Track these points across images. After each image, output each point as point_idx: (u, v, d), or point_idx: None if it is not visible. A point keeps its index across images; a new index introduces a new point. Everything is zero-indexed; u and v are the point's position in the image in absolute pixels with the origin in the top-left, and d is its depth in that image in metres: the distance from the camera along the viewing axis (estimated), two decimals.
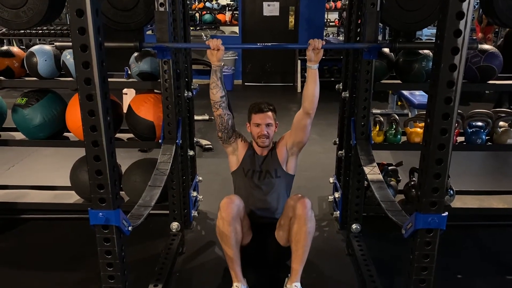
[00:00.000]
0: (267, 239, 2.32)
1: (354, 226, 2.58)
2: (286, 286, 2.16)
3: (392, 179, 2.84)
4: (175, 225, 2.60)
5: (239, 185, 2.43)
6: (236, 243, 2.12)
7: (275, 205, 2.39)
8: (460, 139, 2.72)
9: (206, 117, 4.31)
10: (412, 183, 2.80)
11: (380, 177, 2.19)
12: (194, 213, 2.86)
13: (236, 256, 2.13)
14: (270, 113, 2.33)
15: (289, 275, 2.16)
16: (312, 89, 2.17)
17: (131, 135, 2.73)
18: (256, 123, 2.33)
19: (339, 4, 9.09)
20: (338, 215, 2.85)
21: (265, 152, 2.41)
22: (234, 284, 2.13)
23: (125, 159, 2.94)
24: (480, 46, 2.45)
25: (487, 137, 2.65)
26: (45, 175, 3.63)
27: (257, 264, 2.38)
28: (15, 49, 2.67)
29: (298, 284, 2.11)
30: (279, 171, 2.40)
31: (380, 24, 2.34)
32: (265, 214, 2.39)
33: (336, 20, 9.44)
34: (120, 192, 2.69)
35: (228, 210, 2.10)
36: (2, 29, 6.88)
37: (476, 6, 6.17)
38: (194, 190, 2.90)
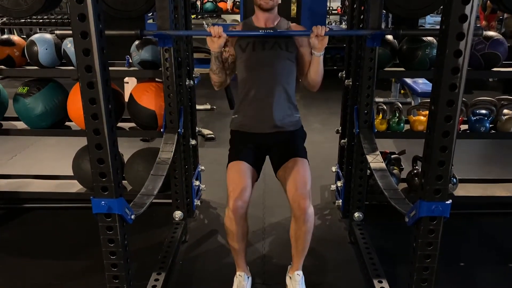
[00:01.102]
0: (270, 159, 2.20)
1: (356, 214, 2.58)
2: (288, 274, 2.16)
3: (395, 167, 2.83)
4: (178, 214, 2.60)
5: (239, 75, 2.17)
6: (242, 239, 2.07)
7: (284, 84, 2.10)
8: (464, 127, 2.71)
9: (208, 106, 4.29)
10: (415, 171, 2.79)
11: (383, 165, 2.18)
12: (197, 202, 2.87)
13: (241, 249, 2.10)
14: None
15: (291, 263, 2.16)
16: (314, 78, 2.11)
17: (133, 124, 2.72)
18: None
19: None
20: (340, 203, 2.85)
21: (270, 23, 2.15)
22: (237, 273, 2.13)
23: (127, 148, 2.94)
24: (484, 33, 2.42)
25: (491, 125, 2.64)
26: (47, 165, 3.64)
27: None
28: (15, 37, 2.65)
29: (300, 272, 2.11)
30: (291, 47, 2.10)
31: (383, 11, 2.31)
32: (271, 109, 2.09)
33: (339, 8, 9.37)
34: (123, 181, 2.70)
35: (236, 211, 1.97)
36: (2, 18, 6.87)
37: None
38: (196, 180, 2.90)
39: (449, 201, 1.49)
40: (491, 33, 2.49)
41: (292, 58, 2.13)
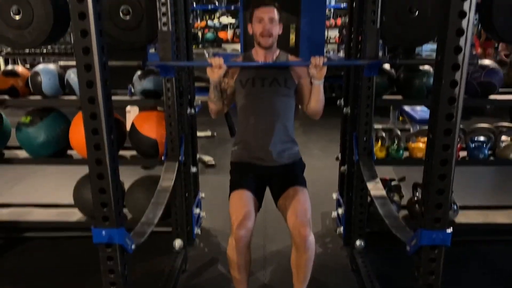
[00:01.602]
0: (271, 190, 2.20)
1: (358, 242, 2.56)
2: None
3: (395, 194, 2.83)
4: (178, 242, 2.58)
5: (239, 109, 2.20)
6: (244, 269, 2.05)
7: (282, 119, 2.14)
8: (463, 154, 2.72)
9: (209, 133, 4.33)
10: (416, 198, 2.79)
11: (383, 192, 2.18)
12: (197, 230, 2.85)
13: (244, 280, 2.08)
14: (274, 8, 2.10)
15: None
16: (315, 106, 2.16)
17: (134, 153, 2.74)
18: (259, 17, 2.09)
19: (339, 22, 9.21)
20: (341, 231, 2.83)
21: (270, 58, 2.18)
22: None
23: (128, 176, 2.94)
24: (480, 61, 2.47)
25: (489, 152, 2.65)
26: (48, 193, 3.64)
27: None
28: (19, 68, 2.70)
29: None
30: (289, 83, 2.14)
31: (379, 41, 2.37)
32: (268, 128, 2.13)
33: (337, 37, 9.52)
34: (123, 209, 2.69)
35: (240, 240, 1.95)
36: (7, 49, 6.98)
37: (476, 22, 6.23)
38: (197, 207, 2.90)
39: (450, 230, 1.49)
40: (486, 62, 2.54)
41: (290, 93, 2.18)
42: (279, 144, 2.18)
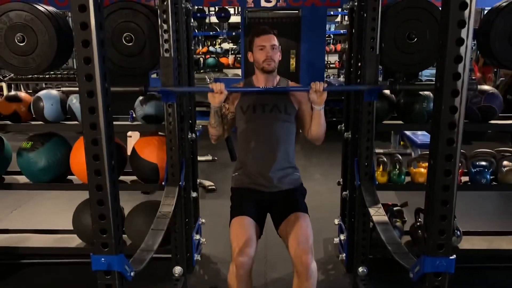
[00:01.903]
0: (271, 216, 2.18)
1: (360, 269, 2.53)
2: None
3: (398, 220, 2.80)
4: (177, 269, 2.55)
5: (239, 134, 2.21)
6: None
7: (282, 145, 2.15)
8: (465, 178, 2.71)
9: (209, 157, 4.33)
10: (418, 224, 2.76)
11: (386, 218, 2.16)
12: (197, 257, 2.82)
13: None
14: (274, 36, 2.17)
15: None
16: (317, 131, 2.18)
17: (134, 178, 2.73)
18: (261, 45, 2.14)
19: (339, 47, 9.34)
20: (344, 257, 2.79)
21: (270, 85, 2.22)
22: None
23: (128, 201, 2.92)
24: (479, 87, 2.49)
25: (491, 177, 2.64)
26: (47, 218, 3.61)
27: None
28: (22, 94, 2.73)
29: None
30: (289, 109, 2.18)
31: (379, 66, 2.39)
32: (269, 155, 2.15)
33: (337, 62, 9.65)
34: (123, 235, 2.66)
35: (241, 266, 1.91)
36: (10, 74, 7.07)
37: (474, 48, 6.30)
38: (197, 233, 2.87)
39: (453, 256, 1.47)
40: (485, 87, 2.56)
41: (290, 119, 2.20)
42: (280, 170, 2.19)
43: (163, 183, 2.48)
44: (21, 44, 2.26)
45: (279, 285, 2.63)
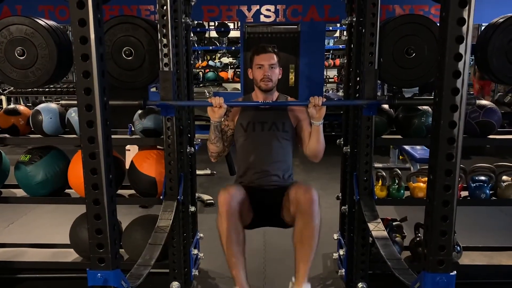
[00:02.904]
0: (272, 219, 2.18)
1: (360, 285, 2.50)
2: None
3: (397, 235, 2.78)
4: (175, 284, 2.52)
5: (239, 148, 2.26)
6: (236, 241, 1.98)
7: (280, 158, 2.22)
8: (464, 193, 2.70)
9: (208, 171, 4.31)
10: (418, 239, 2.74)
11: (385, 233, 2.15)
12: (194, 272, 2.78)
13: (238, 257, 1.98)
14: (273, 54, 2.23)
15: (293, 278, 1.99)
16: (315, 147, 2.19)
17: (132, 191, 2.71)
18: (259, 64, 2.22)
19: (337, 62, 9.41)
20: (343, 273, 2.76)
21: (269, 101, 2.28)
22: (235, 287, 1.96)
23: (126, 215, 2.90)
24: (478, 101, 2.49)
25: (491, 192, 2.63)
26: (44, 232, 3.58)
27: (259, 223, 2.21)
28: (21, 107, 2.72)
29: (308, 286, 1.93)
30: (287, 126, 2.25)
31: (378, 81, 2.40)
32: (268, 168, 2.21)
33: (335, 76, 9.71)
34: (120, 249, 2.64)
35: (225, 206, 1.96)
36: (9, 88, 7.09)
37: (472, 62, 6.34)
38: (195, 248, 2.84)
39: (454, 272, 1.45)
40: (484, 102, 2.56)
41: (288, 137, 2.25)
42: (278, 182, 2.23)
43: (161, 197, 2.47)
44: (21, 58, 2.26)
45: None
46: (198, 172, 3.14)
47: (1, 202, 2.72)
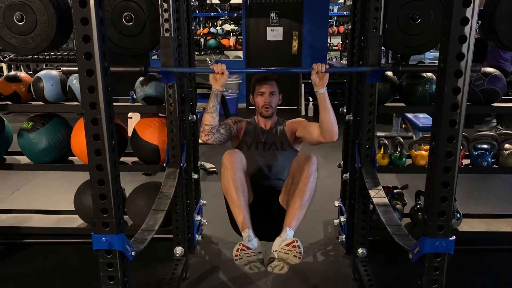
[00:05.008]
0: (270, 204, 2.24)
1: (360, 250, 2.54)
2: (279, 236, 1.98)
3: (398, 202, 2.81)
4: (179, 249, 2.57)
5: None
6: (242, 191, 2.06)
7: (279, 176, 2.38)
8: (466, 161, 2.71)
9: None
10: (418, 206, 2.77)
11: (386, 200, 2.17)
12: (198, 237, 2.84)
13: (243, 203, 2.04)
14: (274, 83, 2.39)
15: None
16: (325, 117, 2.16)
17: (135, 159, 2.73)
18: (260, 92, 2.38)
19: (341, 29, 9.24)
20: (343, 239, 2.81)
21: (269, 125, 2.47)
22: (243, 231, 2.00)
23: (130, 182, 2.93)
24: (483, 69, 2.46)
25: (493, 160, 2.64)
26: (49, 199, 3.63)
27: (259, 232, 2.13)
28: (22, 74, 2.71)
29: (291, 233, 1.95)
30: (285, 145, 2.42)
31: (382, 48, 2.36)
32: (268, 183, 2.37)
33: (339, 44, 9.55)
34: (124, 216, 2.68)
35: (231, 159, 2.09)
36: (10, 55, 7.02)
37: (477, 30, 6.21)
38: (198, 214, 2.88)
39: (453, 238, 1.48)
40: (489, 69, 2.53)
41: (286, 154, 2.41)
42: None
43: (164, 164, 2.49)
44: (20, 24, 2.23)
45: None
46: (200, 141, 3.14)
47: (5, 169, 2.74)
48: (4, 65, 7.23)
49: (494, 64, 4.59)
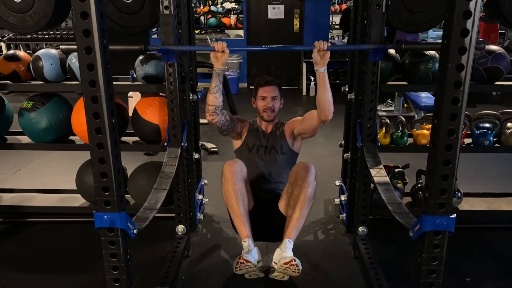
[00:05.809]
0: (270, 209, 2.31)
1: (360, 229, 2.56)
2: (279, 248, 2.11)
3: (399, 181, 2.82)
4: (180, 228, 2.59)
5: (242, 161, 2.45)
6: (242, 200, 2.15)
7: (279, 179, 2.42)
8: (468, 140, 2.70)
9: None
10: (419, 185, 2.78)
11: (387, 179, 2.17)
12: (199, 216, 2.86)
13: (243, 212, 2.14)
14: (276, 87, 2.40)
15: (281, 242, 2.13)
16: (323, 96, 2.17)
17: (136, 139, 2.73)
18: (262, 96, 2.39)
19: (344, 7, 9.08)
20: (344, 218, 2.83)
21: (270, 128, 2.48)
22: (243, 241, 2.12)
23: (131, 162, 2.94)
24: (487, 46, 2.43)
25: (494, 139, 2.63)
26: (51, 179, 3.64)
27: (259, 235, 2.28)
28: (21, 53, 2.68)
29: (291, 241, 2.09)
30: (285, 148, 2.45)
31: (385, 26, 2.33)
32: (268, 187, 2.41)
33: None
34: (126, 195, 2.69)
35: (232, 169, 2.14)
36: (9, 34, 6.95)
37: (482, 8, 6.12)
38: (199, 193, 2.90)
39: (454, 215, 1.48)
40: (493, 47, 2.50)
41: (286, 157, 2.45)
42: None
43: (165, 144, 2.48)
44: (18, 1, 2.20)
45: None
46: (202, 120, 3.13)
47: (6, 148, 2.75)
48: (3, 45, 7.17)
49: None
